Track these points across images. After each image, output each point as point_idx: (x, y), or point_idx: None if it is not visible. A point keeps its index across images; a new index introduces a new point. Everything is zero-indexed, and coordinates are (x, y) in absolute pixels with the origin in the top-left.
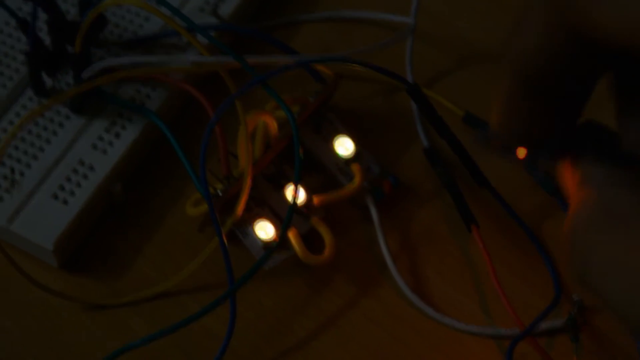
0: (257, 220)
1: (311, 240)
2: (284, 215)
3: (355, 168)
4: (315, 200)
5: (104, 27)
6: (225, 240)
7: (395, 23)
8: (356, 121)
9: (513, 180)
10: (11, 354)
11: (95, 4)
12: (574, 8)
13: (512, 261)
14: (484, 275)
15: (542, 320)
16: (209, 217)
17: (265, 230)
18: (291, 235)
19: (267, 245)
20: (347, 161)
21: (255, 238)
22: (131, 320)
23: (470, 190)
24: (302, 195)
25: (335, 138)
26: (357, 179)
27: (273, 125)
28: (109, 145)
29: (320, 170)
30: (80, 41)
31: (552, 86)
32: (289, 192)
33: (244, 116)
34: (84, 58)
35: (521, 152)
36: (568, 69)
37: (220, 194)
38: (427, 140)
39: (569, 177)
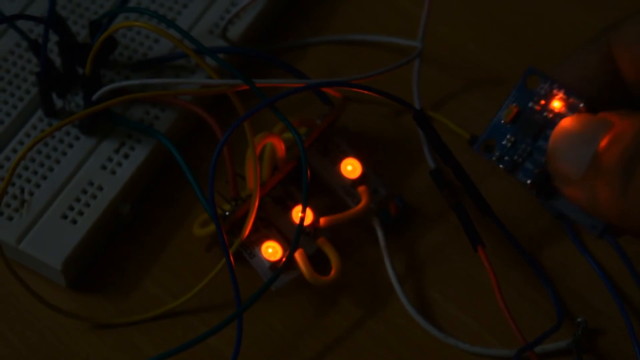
0: (264, 241)
1: (318, 261)
2: (290, 237)
3: (361, 190)
4: (322, 221)
5: (114, 49)
6: (233, 261)
7: (403, 46)
8: (363, 143)
9: (519, 203)
10: None
11: (106, 27)
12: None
13: (518, 282)
14: (489, 296)
15: (545, 340)
16: (216, 238)
17: (272, 251)
18: (298, 256)
19: (274, 266)
20: (354, 183)
21: (263, 259)
22: (138, 339)
23: (475, 212)
24: (309, 217)
25: (342, 160)
26: (363, 201)
27: (281, 147)
28: (118, 166)
29: (327, 192)
30: (90, 63)
31: None
32: (296, 213)
33: (252, 138)
34: (94, 80)
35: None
36: None
37: (228, 214)
38: (433, 162)
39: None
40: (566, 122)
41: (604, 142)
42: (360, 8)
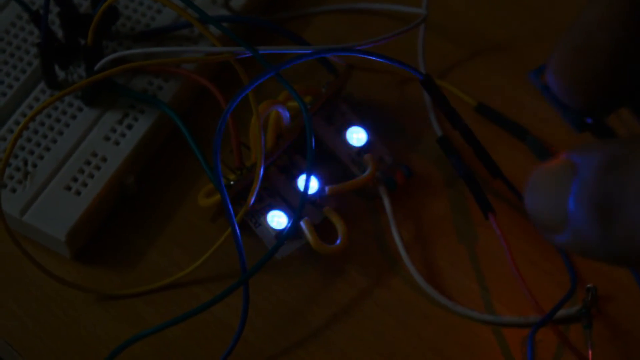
0: (269, 210)
1: (324, 230)
2: (296, 206)
3: (368, 158)
4: (328, 190)
5: (116, 20)
6: (238, 229)
7: (407, 14)
8: (369, 111)
9: (527, 170)
10: (25, 344)
11: None
12: None
13: (527, 250)
14: (497, 264)
15: (560, 308)
16: (221, 208)
17: (277, 219)
18: (304, 225)
19: (279, 235)
20: (360, 151)
21: (268, 227)
22: (143, 310)
23: (483, 182)
24: (314, 185)
25: (348, 128)
26: (369, 169)
27: (285, 116)
28: (122, 137)
29: (332, 161)
30: (92, 34)
31: None
32: (301, 182)
33: (256, 107)
34: (96, 50)
35: None
36: None
37: (233, 184)
38: (440, 130)
39: None
40: (535, 177)
41: (575, 190)
42: None
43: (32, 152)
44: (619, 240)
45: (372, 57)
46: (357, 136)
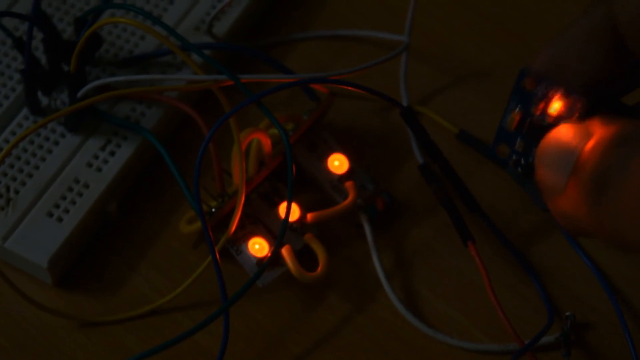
0: (251, 238)
1: (305, 257)
2: (277, 233)
3: (349, 185)
4: (309, 217)
5: (99, 46)
6: (219, 258)
7: (390, 41)
8: (351, 139)
9: (509, 199)
10: None
11: (91, 23)
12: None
13: (506, 277)
14: (477, 291)
15: (539, 340)
16: (203, 235)
17: (259, 247)
18: (285, 252)
19: (260, 262)
20: (341, 178)
21: (249, 255)
22: (125, 337)
23: (464, 207)
24: (295, 213)
25: (330, 155)
26: (350, 196)
27: (267, 143)
28: (104, 164)
29: (314, 188)
30: (75, 60)
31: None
32: (282, 209)
33: (238, 134)
34: (79, 77)
35: None
36: None
37: (214, 211)
38: (421, 157)
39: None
40: (552, 133)
41: (583, 153)
42: (348, 3)
43: (14, 179)
44: (605, 218)
45: (350, 87)
46: (338, 163)
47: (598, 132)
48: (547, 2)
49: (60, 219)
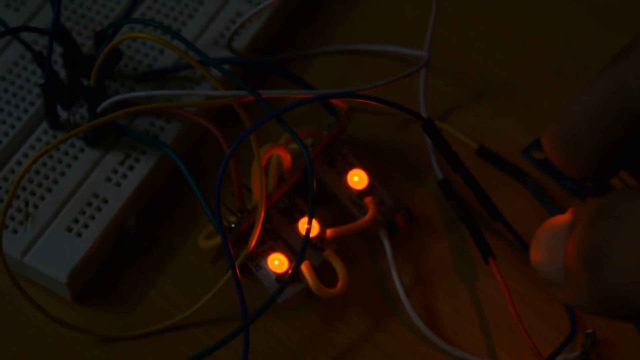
0: (271, 253)
1: (324, 273)
2: (297, 249)
3: (368, 201)
4: (329, 233)
5: (118, 61)
6: (239, 273)
7: (410, 56)
8: (370, 154)
9: (527, 214)
10: None
11: (110, 38)
12: None
13: (527, 294)
14: (498, 308)
15: (560, 353)
16: (222, 250)
17: (278, 263)
18: (304, 268)
19: (280, 278)
20: (361, 194)
21: (269, 271)
22: (144, 353)
23: (484, 224)
24: (315, 228)
25: (349, 171)
26: (370, 212)
27: (287, 159)
28: (123, 178)
29: (333, 203)
30: (95, 75)
31: None
32: (302, 225)
33: (258, 150)
34: (98, 91)
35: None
36: None
37: (234, 227)
38: (441, 173)
39: None
40: (539, 233)
41: (569, 245)
42: (367, 18)
43: (33, 193)
44: (607, 291)
45: (372, 102)
46: (358, 179)
47: (576, 219)
48: (568, 19)
49: (79, 234)
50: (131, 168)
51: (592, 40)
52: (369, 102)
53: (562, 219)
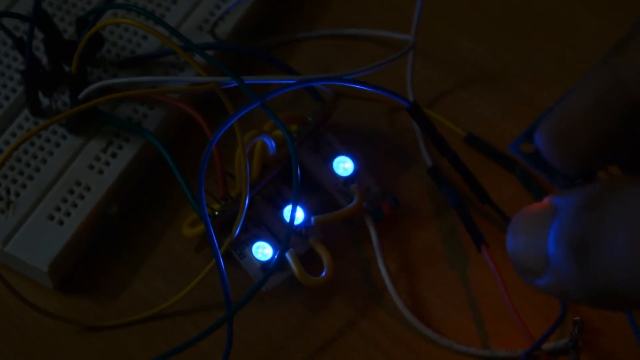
0: (255, 241)
1: (309, 261)
2: (282, 237)
3: (354, 188)
4: (314, 220)
5: (101, 47)
6: (223, 262)
7: (396, 40)
8: (356, 141)
9: (516, 201)
10: None
11: (92, 24)
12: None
13: (515, 283)
14: (486, 297)
15: (551, 334)
16: (206, 238)
17: (262, 251)
18: (289, 256)
19: (264, 266)
20: (346, 181)
21: (253, 259)
22: (127, 342)
23: (474, 211)
24: (300, 216)
25: (335, 158)
26: (356, 200)
27: (271, 146)
28: (106, 166)
29: (319, 191)
30: (76, 61)
31: None
32: (287, 212)
33: (242, 137)
34: (80, 78)
35: None
36: None
37: (217, 214)
38: (430, 159)
39: None
40: (516, 220)
41: (553, 231)
42: (353, 2)
43: (15, 181)
44: (595, 279)
45: (358, 86)
46: (343, 166)
47: (560, 205)
48: (559, 5)
49: (61, 222)
50: (114, 155)
51: (583, 27)
52: (355, 86)
53: (543, 206)
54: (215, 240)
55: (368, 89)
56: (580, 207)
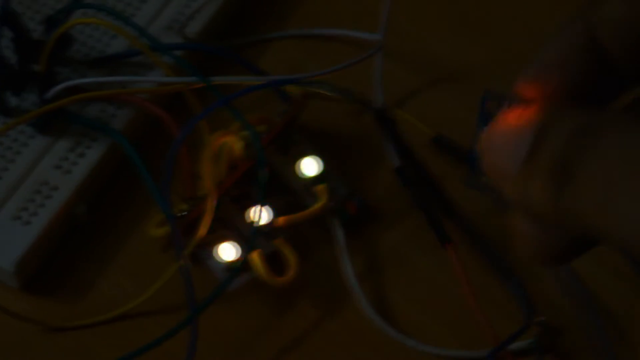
0: (221, 242)
1: (276, 261)
2: (248, 237)
3: (321, 189)
4: (280, 221)
5: (70, 46)
6: (189, 262)
7: (365, 40)
8: (324, 141)
9: (484, 203)
10: None
11: (61, 23)
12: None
13: (481, 283)
14: (449, 296)
15: (516, 339)
16: (172, 238)
17: (228, 251)
18: (255, 257)
19: (229, 267)
20: (313, 182)
21: (219, 259)
22: (93, 342)
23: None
24: (266, 216)
25: (302, 158)
26: (322, 200)
27: (238, 146)
28: (73, 165)
29: (286, 191)
30: (45, 60)
31: None
32: (253, 213)
33: (208, 137)
34: (49, 77)
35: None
36: None
37: (184, 215)
38: (397, 160)
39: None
40: (503, 117)
41: (540, 139)
42: (323, 3)
43: None
44: (568, 208)
45: (320, 90)
46: (310, 166)
47: (558, 118)
48: (528, 4)
49: (28, 222)
50: (82, 155)
51: (551, 25)
52: (317, 90)
53: (528, 121)
54: (180, 241)
55: (332, 92)
56: (574, 133)
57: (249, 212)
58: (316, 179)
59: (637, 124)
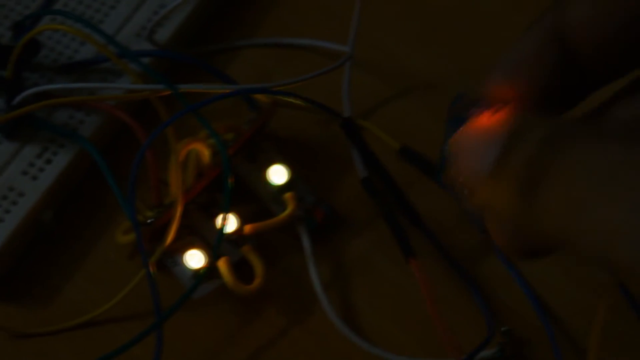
0: (188, 249)
1: (243, 269)
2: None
3: (288, 197)
4: (247, 228)
5: (37, 52)
6: (154, 270)
7: (334, 51)
8: (293, 150)
9: (450, 214)
10: None
11: (29, 29)
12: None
13: (444, 293)
14: (415, 306)
15: (479, 353)
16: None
17: (196, 259)
18: (221, 264)
19: (196, 274)
20: (281, 190)
21: (185, 267)
22: (59, 349)
23: (406, 220)
24: (233, 224)
25: (270, 166)
26: (289, 208)
27: (205, 154)
28: (40, 172)
29: (253, 199)
30: (12, 66)
31: None
32: (219, 220)
33: (175, 144)
34: (16, 83)
35: None
36: None
37: (150, 222)
38: (364, 169)
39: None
40: (473, 119)
41: (511, 144)
42: (295, 12)
43: None
44: (532, 218)
45: (288, 98)
46: (278, 174)
47: (530, 123)
48: (498, 14)
49: None
50: (49, 161)
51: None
52: (285, 98)
53: (499, 124)
54: (145, 248)
55: (300, 100)
56: (544, 141)
57: (217, 220)
58: (284, 187)
59: (601, 134)
